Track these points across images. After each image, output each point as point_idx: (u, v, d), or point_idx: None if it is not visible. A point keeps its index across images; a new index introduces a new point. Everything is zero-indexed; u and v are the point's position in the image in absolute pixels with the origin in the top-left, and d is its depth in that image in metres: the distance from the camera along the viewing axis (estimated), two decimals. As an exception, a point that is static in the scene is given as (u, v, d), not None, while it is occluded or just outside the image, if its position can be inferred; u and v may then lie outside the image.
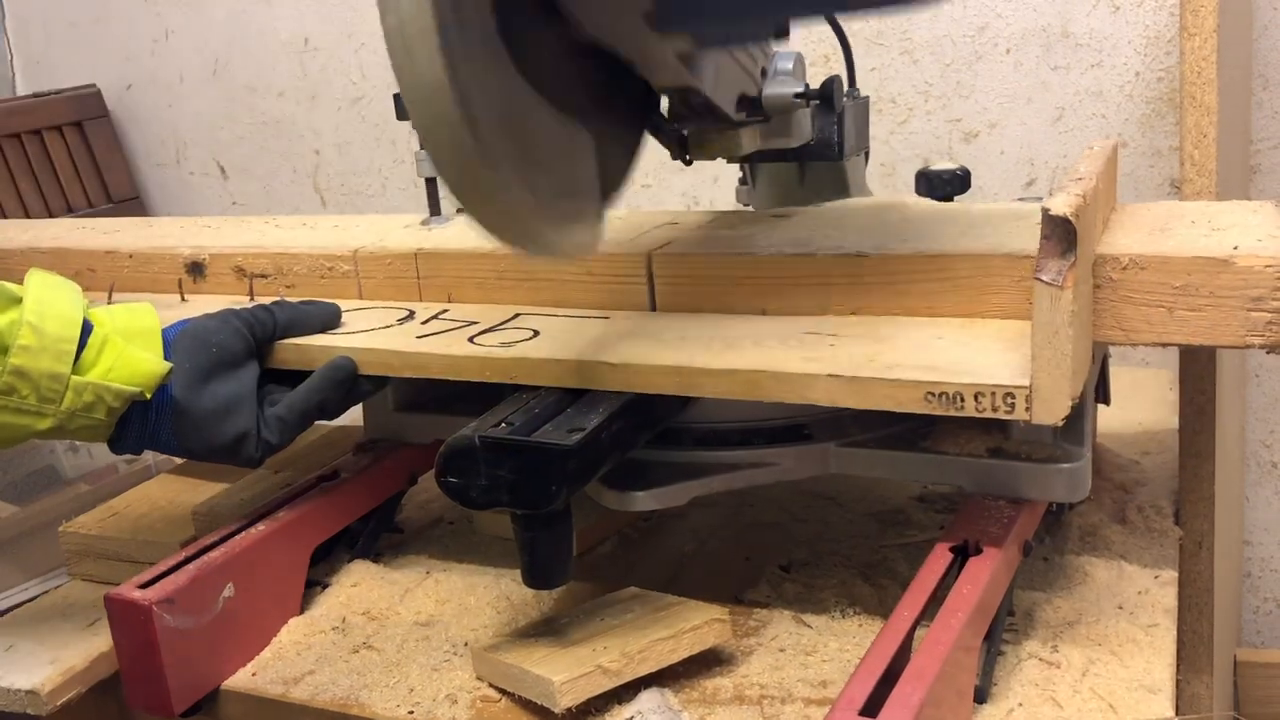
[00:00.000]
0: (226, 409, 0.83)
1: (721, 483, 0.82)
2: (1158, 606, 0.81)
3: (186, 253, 1.08)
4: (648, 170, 1.66)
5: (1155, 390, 1.25)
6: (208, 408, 0.82)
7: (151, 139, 2.07)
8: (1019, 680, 0.73)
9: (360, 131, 1.88)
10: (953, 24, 1.49)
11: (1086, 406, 0.80)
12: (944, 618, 0.64)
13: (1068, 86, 1.45)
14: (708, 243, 0.90)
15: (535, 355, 0.81)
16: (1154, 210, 0.91)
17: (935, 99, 1.52)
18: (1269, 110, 1.40)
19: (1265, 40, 1.38)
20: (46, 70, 2.11)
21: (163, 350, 0.82)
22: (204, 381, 0.82)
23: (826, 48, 1.52)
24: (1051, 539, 0.90)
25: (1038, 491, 0.78)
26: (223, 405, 0.83)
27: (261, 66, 1.94)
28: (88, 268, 1.12)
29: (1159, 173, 1.43)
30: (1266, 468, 1.50)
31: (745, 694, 0.74)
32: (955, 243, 0.81)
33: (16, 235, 1.23)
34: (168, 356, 0.82)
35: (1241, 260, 0.73)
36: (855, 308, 0.82)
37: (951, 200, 1.02)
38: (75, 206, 1.95)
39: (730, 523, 1.01)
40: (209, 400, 0.82)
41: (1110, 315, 0.77)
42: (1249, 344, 0.74)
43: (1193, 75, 1.05)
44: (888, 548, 0.93)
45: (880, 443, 0.83)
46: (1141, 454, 1.08)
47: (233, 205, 2.03)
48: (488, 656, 0.77)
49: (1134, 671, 0.73)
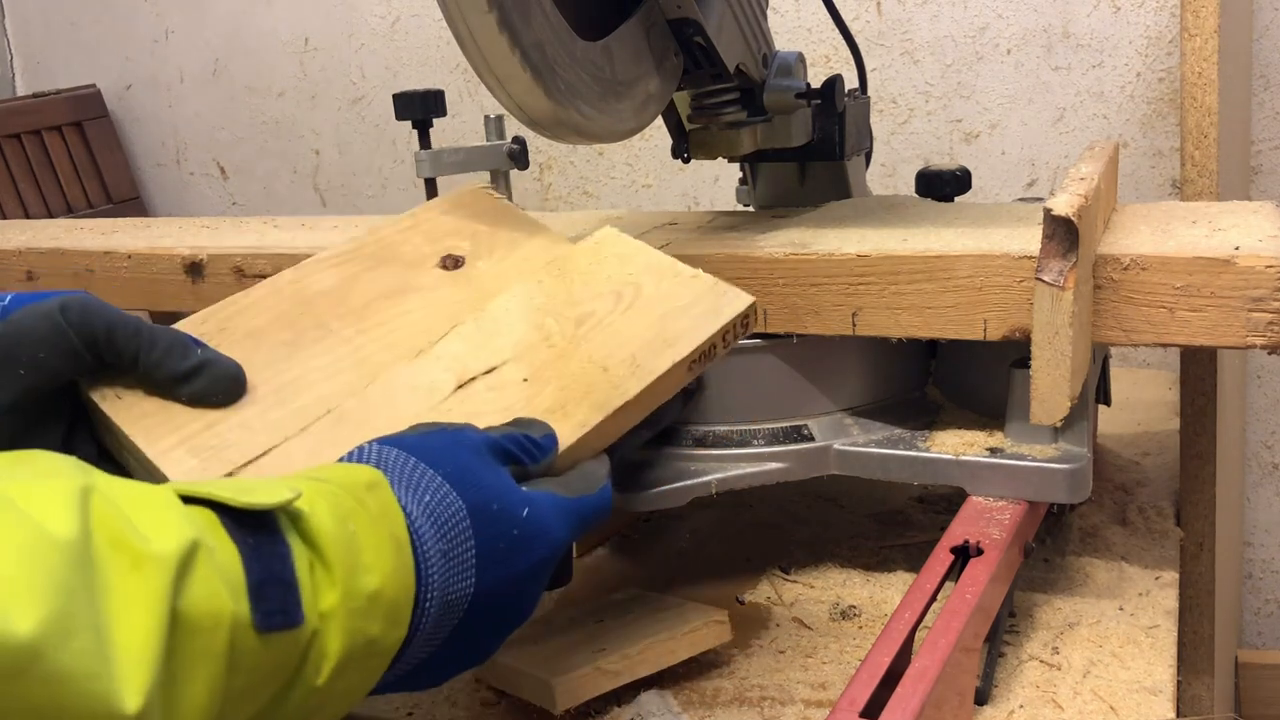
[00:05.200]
0: None
1: (721, 483, 0.82)
2: (1159, 608, 0.81)
3: (185, 253, 1.08)
4: (648, 170, 1.66)
5: (1156, 391, 1.25)
6: None
7: (151, 139, 2.07)
8: (1020, 682, 0.73)
9: (360, 132, 1.88)
10: (954, 24, 1.49)
11: (1087, 407, 0.80)
12: (945, 619, 0.64)
13: (1069, 87, 1.45)
14: (708, 243, 0.90)
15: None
16: (1155, 211, 0.91)
17: (936, 99, 1.52)
18: (1270, 111, 1.40)
19: (1266, 41, 1.38)
20: (46, 70, 2.11)
21: None
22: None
23: (827, 48, 1.52)
24: (1052, 540, 0.90)
25: (1038, 492, 0.78)
26: None
27: (261, 66, 1.93)
28: (86, 268, 1.12)
29: (1160, 173, 1.43)
30: (1267, 469, 1.50)
31: (745, 695, 0.74)
32: (955, 243, 0.81)
33: (16, 235, 1.23)
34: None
35: (1242, 261, 0.73)
36: (855, 308, 0.82)
37: (952, 200, 1.01)
38: (75, 207, 1.95)
39: (730, 523, 1.00)
40: None
41: (1111, 316, 0.77)
42: (1250, 345, 0.74)
43: (1193, 76, 1.04)
44: (888, 549, 0.92)
45: (881, 443, 0.83)
46: (1142, 455, 1.08)
47: (232, 206, 2.03)
48: (487, 657, 0.76)
49: (1135, 673, 0.73)
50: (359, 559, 0.47)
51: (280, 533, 0.45)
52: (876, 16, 1.52)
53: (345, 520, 0.48)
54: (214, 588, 0.41)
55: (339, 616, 0.46)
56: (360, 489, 0.50)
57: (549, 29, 0.72)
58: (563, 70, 0.72)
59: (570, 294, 0.71)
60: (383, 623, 0.48)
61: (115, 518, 0.40)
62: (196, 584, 0.40)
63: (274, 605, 0.43)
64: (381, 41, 1.83)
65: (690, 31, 0.81)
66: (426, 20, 1.78)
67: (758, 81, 0.90)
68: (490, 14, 0.67)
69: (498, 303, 0.71)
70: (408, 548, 0.50)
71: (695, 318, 0.69)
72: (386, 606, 0.48)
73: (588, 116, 0.75)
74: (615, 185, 1.69)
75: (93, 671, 0.37)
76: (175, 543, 0.40)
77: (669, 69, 0.83)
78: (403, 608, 0.50)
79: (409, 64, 1.81)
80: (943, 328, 0.80)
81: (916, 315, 0.80)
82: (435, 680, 0.56)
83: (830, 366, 0.86)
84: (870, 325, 0.82)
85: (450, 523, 0.53)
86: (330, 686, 0.47)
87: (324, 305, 0.71)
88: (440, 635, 0.53)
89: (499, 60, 0.69)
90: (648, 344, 0.68)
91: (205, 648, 0.41)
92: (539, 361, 0.67)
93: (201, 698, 0.41)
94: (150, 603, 0.39)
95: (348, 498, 0.49)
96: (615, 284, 0.71)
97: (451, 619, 0.53)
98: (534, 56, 0.70)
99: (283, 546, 0.45)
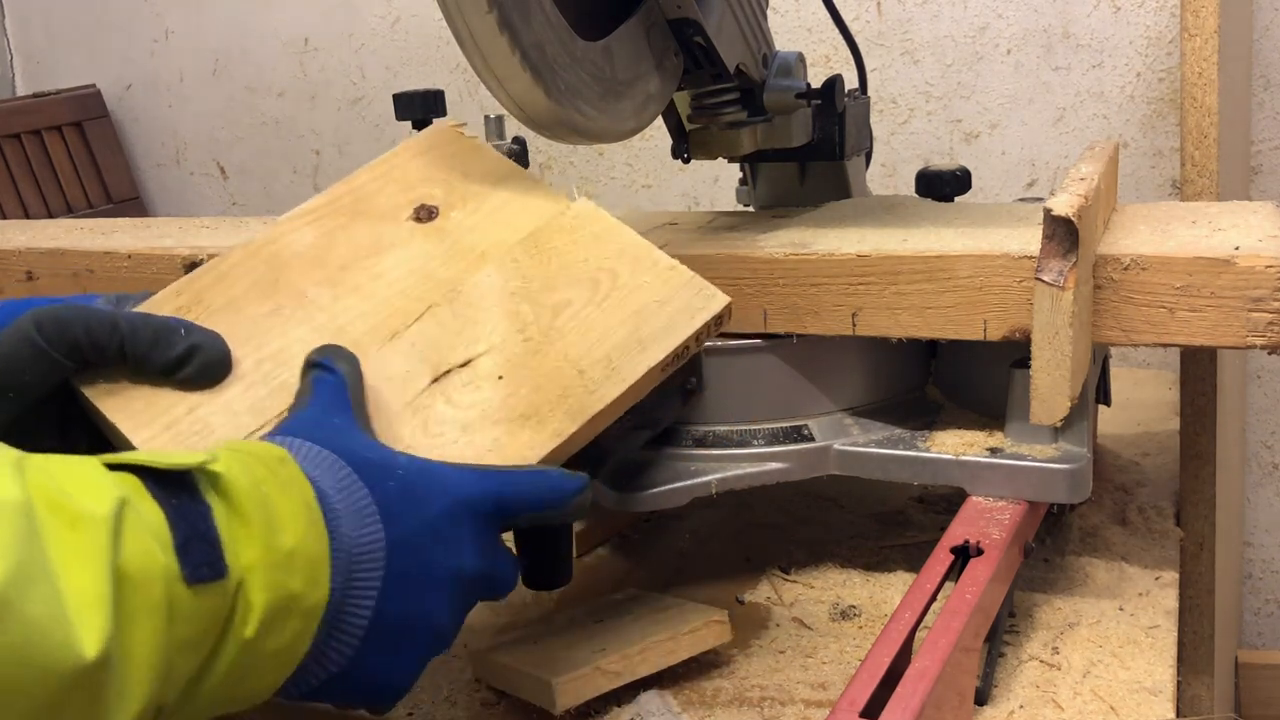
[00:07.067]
0: None
1: (721, 483, 0.82)
2: (1159, 608, 0.81)
3: (185, 253, 1.08)
4: (648, 170, 1.66)
5: (1156, 391, 1.25)
6: None
7: (151, 139, 2.07)
8: (1020, 682, 0.73)
9: (360, 132, 1.88)
10: (953, 24, 1.49)
11: (1087, 407, 0.80)
12: (944, 619, 0.64)
13: (1069, 87, 1.45)
14: (708, 243, 0.90)
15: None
16: (1155, 211, 0.91)
17: (936, 99, 1.52)
18: (1270, 111, 1.40)
19: (1266, 41, 1.38)
20: (46, 70, 2.11)
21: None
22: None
23: (827, 48, 1.52)
24: (1052, 540, 0.90)
25: (1038, 492, 0.78)
26: None
27: (261, 66, 1.93)
28: (85, 268, 1.12)
29: (1160, 173, 1.43)
30: (1267, 469, 1.50)
31: (745, 696, 0.74)
32: (955, 243, 0.81)
33: (16, 235, 1.23)
34: None
35: (1243, 261, 0.73)
36: (855, 308, 0.82)
37: (952, 200, 1.01)
38: (75, 207, 1.95)
39: (730, 523, 1.00)
40: None
41: (1111, 316, 0.77)
42: (1250, 345, 0.74)
43: (1194, 76, 1.04)
44: (888, 549, 0.92)
45: (881, 443, 0.83)
46: (1142, 455, 1.08)
47: (232, 206, 2.03)
48: (487, 658, 0.76)
49: (1135, 673, 0.73)
50: (274, 517, 0.49)
51: (200, 492, 0.48)
52: (876, 16, 1.52)
53: (259, 483, 0.50)
54: (146, 544, 0.44)
55: (260, 569, 0.48)
56: (272, 460, 0.53)
57: (549, 29, 0.72)
58: (563, 70, 0.73)
59: (547, 277, 0.71)
60: (302, 580, 0.50)
61: (49, 483, 0.42)
62: (130, 541, 0.43)
63: (200, 559, 0.46)
64: (381, 41, 1.83)
65: (690, 31, 0.81)
66: (426, 20, 1.78)
67: (758, 81, 0.90)
68: (490, 14, 0.67)
69: (473, 283, 0.70)
70: (318, 511, 0.53)
71: (671, 315, 0.69)
72: (304, 563, 0.50)
73: (588, 116, 0.75)
74: (615, 185, 1.69)
75: (54, 617, 0.39)
76: (107, 504, 0.43)
77: (669, 69, 0.83)
78: (320, 567, 0.51)
79: (409, 64, 1.81)
80: (943, 328, 0.80)
81: (916, 315, 0.80)
82: (397, 667, 0.56)
83: (830, 366, 0.86)
84: (870, 325, 0.82)
85: (342, 478, 0.55)
86: (260, 642, 0.48)
87: (301, 268, 0.70)
88: (369, 592, 0.54)
89: (499, 60, 0.69)
90: (622, 343, 0.68)
91: (145, 600, 0.43)
92: (514, 356, 0.67)
93: (148, 647, 0.43)
94: (93, 558, 0.41)
95: (259, 465, 0.51)
96: (591, 268, 0.71)
97: (373, 569, 0.54)
98: (534, 56, 0.70)
99: (203, 505, 0.47)
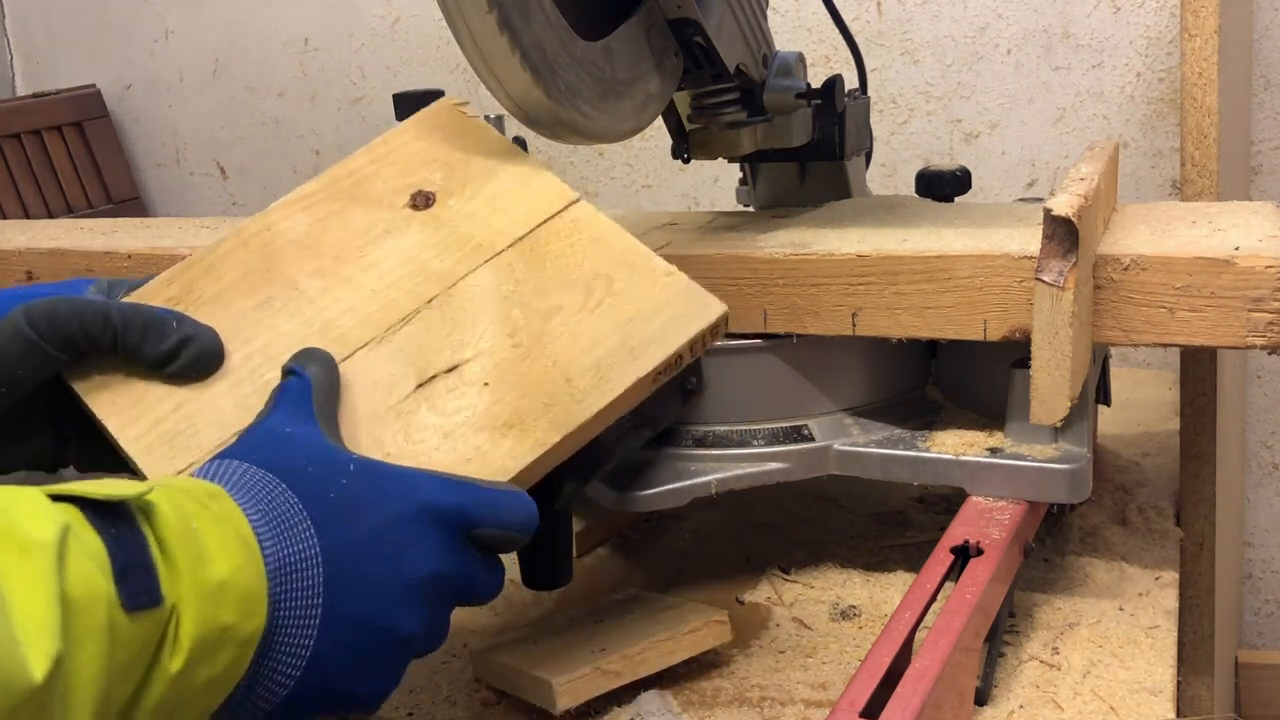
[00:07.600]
0: None
1: (721, 483, 0.82)
2: (1159, 608, 0.81)
3: (185, 253, 1.08)
4: (648, 170, 1.66)
5: (1156, 391, 1.25)
6: None
7: (151, 139, 2.07)
8: (1020, 682, 0.73)
9: (360, 132, 1.88)
10: (954, 24, 1.49)
11: (1087, 407, 0.80)
12: (944, 619, 0.64)
13: (1069, 87, 1.45)
14: (707, 243, 0.90)
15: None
16: (1155, 211, 0.91)
17: (936, 99, 1.52)
18: (1270, 111, 1.40)
19: (1266, 41, 1.38)
20: (46, 70, 2.11)
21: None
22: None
23: (827, 48, 1.52)
24: (1052, 540, 0.90)
25: (1038, 493, 0.78)
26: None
27: (261, 66, 1.93)
28: (86, 268, 1.12)
29: (1160, 173, 1.43)
30: (1267, 469, 1.50)
31: (745, 696, 0.74)
32: (955, 243, 0.81)
33: (16, 235, 1.23)
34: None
35: (1243, 261, 0.73)
36: (855, 308, 0.82)
37: (952, 200, 1.02)
38: (75, 207, 1.95)
39: (730, 523, 1.00)
40: None
41: (1111, 316, 0.77)
42: (1250, 345, 0.74)
43: (1194, 76, 1.04)
44: (888, 549, 0.92)
45: (881, 443, 0.83)
46: (1142, 455, 1.08)
47: (233, 206, 2.03)
48: (487, 658, 0.76)
49: (1135, 673, 0.73)
50: (203, 551, 0.50)
51: (137, 523, 0.49)
52: (876, 16, 1.52)
53: (188, 519, 0.50)
54: (89, 570, 0.44)
55: (188, 602, 0.48)
56: (203, 496, 0.53)
57: (549, 29, 0.72)
58: (563, 70, 0.73)
59: (540, 281, 0.69)
60: (235, 611, 0.50)
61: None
62: (74, 566, 0.44)
63: (138, 586, 0.46)
64: (381, 41, 1.83)
65: (690, 31, 0.81)
66: (426, 20, 1.78)
67: (758, 81, 0.90)
68: (490, 14, 0.67)
69: (465, 285, 0.69)
70: (254, 543, 0.53)
71: (665, 324, 0.67)
72: (236, 595, 0.50)
73: (588, 116, 0.75)
74: (615, 185, 1.69)
75: (5, 639, 0.40)
76: (52, 530, 0.44)
77: (669, 69, 0.83)
78: (256, 598, 0.52)
79: (409, 64, 1.81)
80: (943, 328, 0.80)
81: (916, 315, 0.80)
82: (364, 673, 0.55)
83: (830, 366, 0.86)
84: (870, 325, 0.82)
85: (266, 492, 0.55)
86: (188, 675, 0.49)
87: (294, 256, 0.70)
88: (303, 602, 0.53)
89: (499, 60, 0.69)
90: (613, 351, 0.66)
91: (89, 624, 0.44)
92: (502, 362, 0.66)
93: (92, 669, 0.43)
94: (40, 583, 0.42)
95: (190, 501, 0.52)
96: (586, 274, 0.70)
97: (309, 579, 0.54)
98: (534, 56, 0.70)
99: (140, 535, 0.48)
